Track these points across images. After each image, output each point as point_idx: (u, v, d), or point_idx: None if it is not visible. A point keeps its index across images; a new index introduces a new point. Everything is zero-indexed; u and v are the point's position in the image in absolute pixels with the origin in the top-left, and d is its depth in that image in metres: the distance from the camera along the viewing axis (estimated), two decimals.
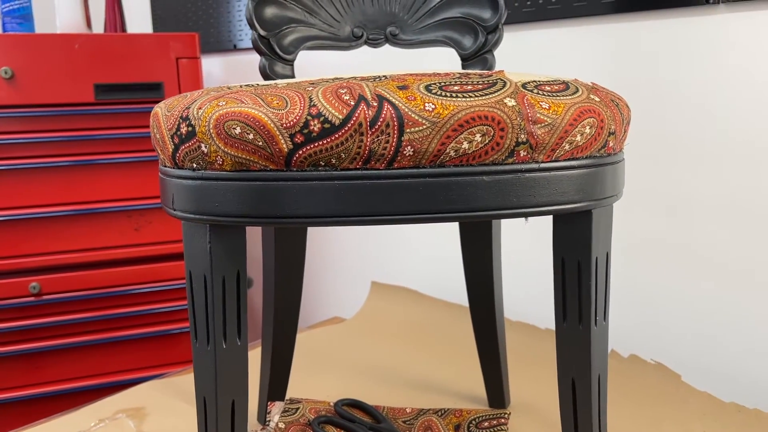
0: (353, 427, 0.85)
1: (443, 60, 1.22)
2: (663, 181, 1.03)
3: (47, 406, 1.30)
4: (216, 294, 0.56)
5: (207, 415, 0.59)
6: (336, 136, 0.50)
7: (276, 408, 0.90)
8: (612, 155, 0.58)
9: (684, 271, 1.03)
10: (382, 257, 1.44)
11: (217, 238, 0.55)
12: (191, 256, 0.57)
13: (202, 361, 0.58)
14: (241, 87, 0.56)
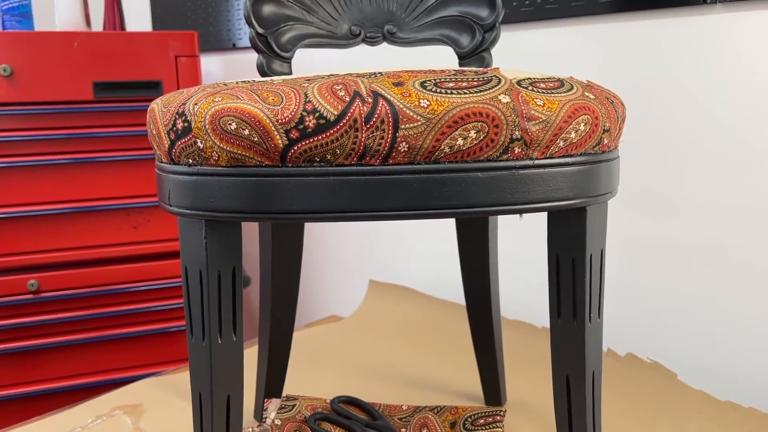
0: (349, 424, 0.86)
1: (441, 59, 1.22)
2: (660, 180, 1.03)
3: (45, 403, 1.30)
4: (211, 289, 0.57)
5: (202, 411, 0.60)
6: (331, 131, 0.50)
7: (272, 405, 0.90)
8: (607, 152, 0.58)
9: (681, 270, 1.03)
10: (380, 256, 1.45)
11: (213, 233, 0.56)
12: (187, 251, 0.57)
13: (197, 357, 0.59)
14: (237, 83, 0.56)
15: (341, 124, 0.50)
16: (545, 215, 0.59)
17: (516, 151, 0.52)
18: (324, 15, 0.81)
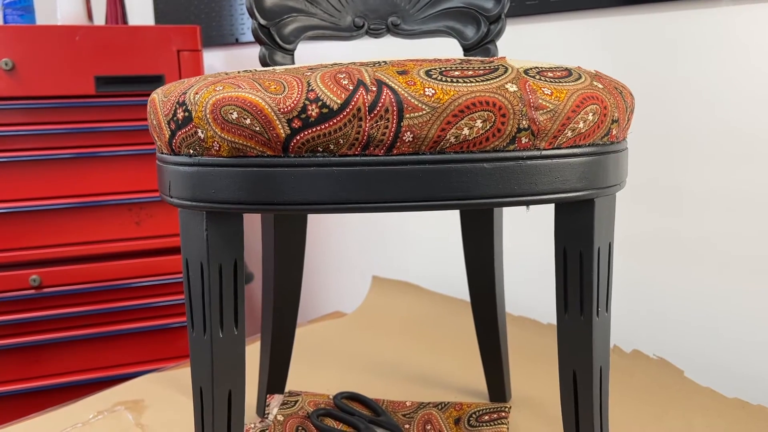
0: (352, 420, 0.85)
1: (446, 51, 1.21)
2: (670, 175, 1.02)
3: (46, 399, 1.30)
4: (213, 282, 0.56)
5: (203, 406, 0.59)
6: (334, 121, 0.49)
7: (275, 401, 0.89)
8: (615, 143, 0.57)
9: (687, 266, 1.02)
10: (384, 252, 1.44)
11: (214, 225, 0.55)
12: (188, 243, 0.56)
13: (198, 351, 0.58)
14: (239, 73, 0.55)
15: (345, 113, 0.49)
16: (552, 207, 0.58)
17: (523, 141, 0.51)
18: (327, 6, 0.80)
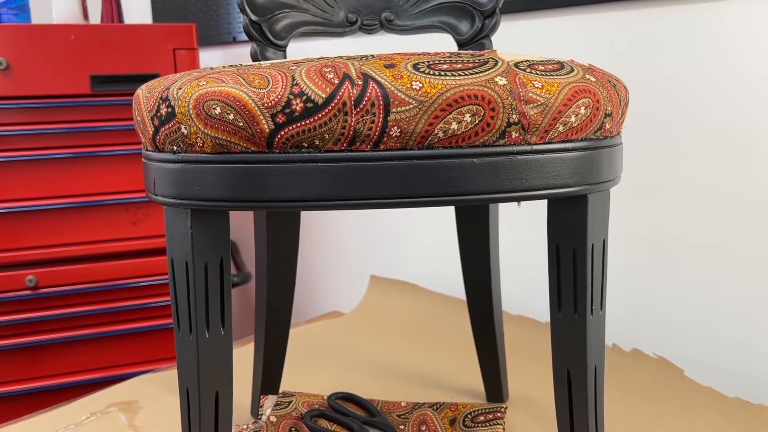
0: (346, 421, 0.84)
1: (440, 47, 1.20)
2: (668, 174, 1.01)
3: (40, 400, 1.29)
4: (198, 281, 0.55)
5: (190, 407, 0.58)
6: (319, 115, 0.48)
7: (269, 401, 0.88)
8: (609, 138, 0.56)
9: (687, 265, 1.00)
10: (381, 251, 1.43)
11: (199, 223, 0.54)
12: (173, 242, 0.55)
13: (184, 351, 0.57)
14: (224, 67, 0.54)
15: (330, 107, 0.48)
16: (545, 204, 0.57)
17: (513, 136, 0.50)
18: (320, 2, 0.79)
